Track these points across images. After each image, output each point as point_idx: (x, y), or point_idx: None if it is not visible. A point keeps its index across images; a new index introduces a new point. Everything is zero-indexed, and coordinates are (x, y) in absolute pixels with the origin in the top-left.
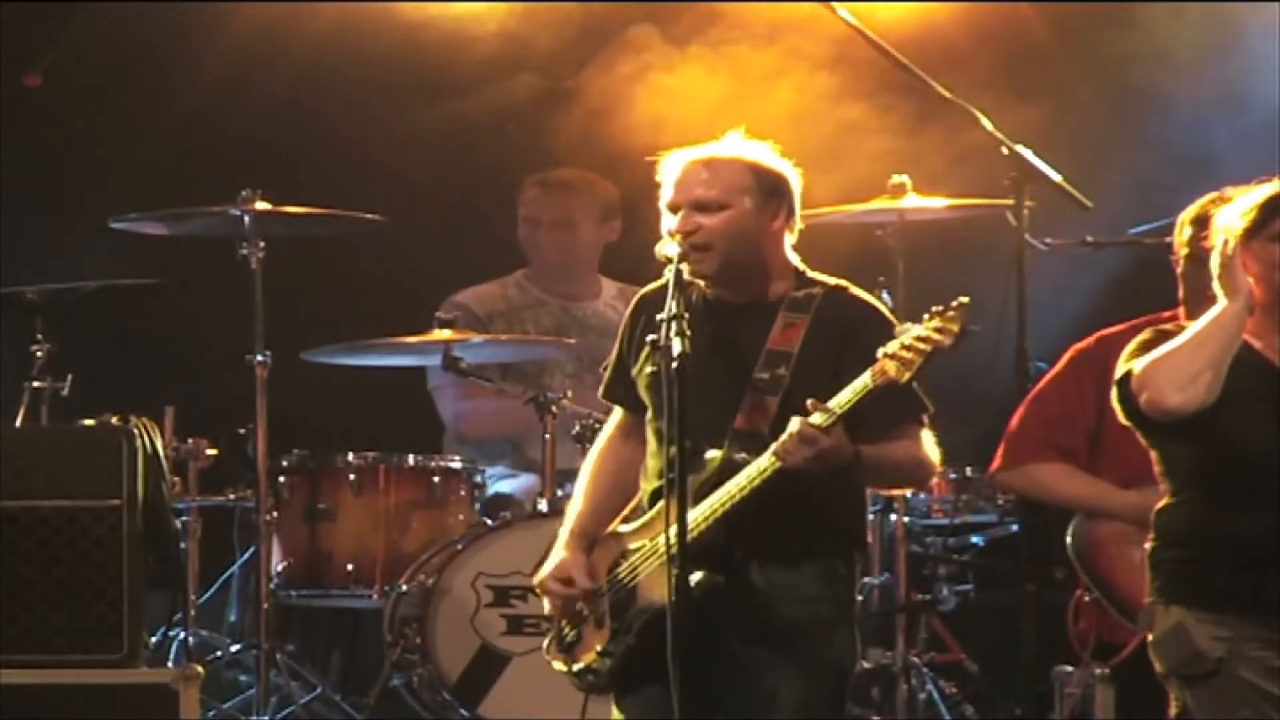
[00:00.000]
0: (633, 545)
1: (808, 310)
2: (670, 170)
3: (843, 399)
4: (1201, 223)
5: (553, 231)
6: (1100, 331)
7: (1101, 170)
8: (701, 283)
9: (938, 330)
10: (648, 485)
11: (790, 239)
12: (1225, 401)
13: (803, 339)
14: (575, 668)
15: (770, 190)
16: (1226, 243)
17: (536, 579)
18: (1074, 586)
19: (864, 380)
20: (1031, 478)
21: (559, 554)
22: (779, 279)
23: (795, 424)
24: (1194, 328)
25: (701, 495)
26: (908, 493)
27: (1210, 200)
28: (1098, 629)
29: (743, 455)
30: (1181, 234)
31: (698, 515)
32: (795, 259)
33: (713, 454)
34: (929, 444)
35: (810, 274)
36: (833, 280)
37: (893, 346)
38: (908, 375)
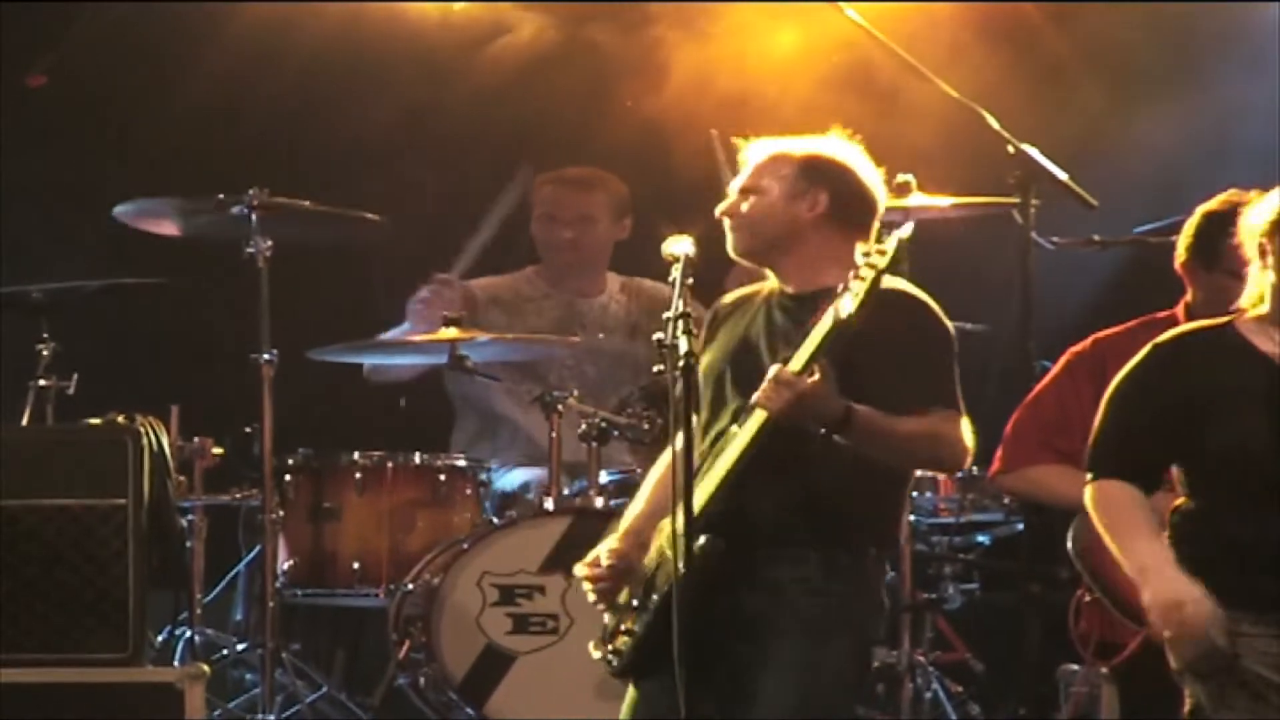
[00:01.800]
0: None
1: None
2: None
3: (809, 342)
4: (1213, 223)
5: (571, 229)
6: (1096, 334)
7: (1107, 169)
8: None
9: (869, 261)
10: None
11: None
12: (1230, 401)
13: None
14: (605, 651)
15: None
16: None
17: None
18: (1078, 586)
19: (824, 322)
20: (1029, 480)
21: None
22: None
23: (772, 369)
24: (1136, 555)
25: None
26: (913, 491)
27: (1218, 203)
28: (1099, 629)
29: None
30: (1187, 237)
31: (703, 489)
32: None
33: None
34: (958, 427)
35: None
36: (893, 281)
37: (841, 285)
38: (855, 306)
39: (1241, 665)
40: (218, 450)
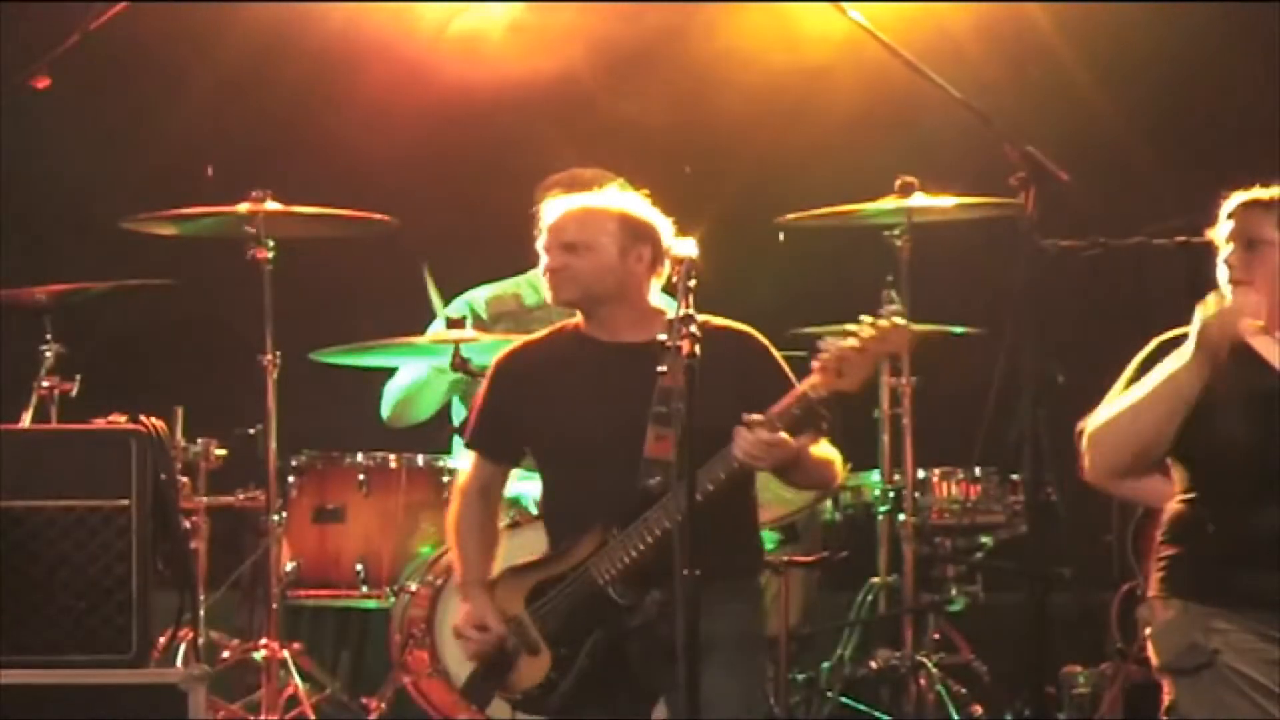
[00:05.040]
0: (555, 573)
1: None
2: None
3: (780, 407)
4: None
5: None
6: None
7: (1112, 170)
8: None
9: (878, 339)
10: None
11: (658, 284)
12: (1221, 398)
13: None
14: (518, 695)
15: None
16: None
17: (452, 626)
18: (1083, 587)
19: (802, 389)
20: None
21: (466, 603)
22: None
23: (760, 432)
24: (1147, 386)
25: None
26: (916, 493)
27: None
28: None
29: (657, 480)
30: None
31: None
32: (662, 302)
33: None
34: (833, 449)
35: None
36: (699, 317)
37: (826, 358)
38: (850, 383)
39: (1220, 661)
40: (221, 451)
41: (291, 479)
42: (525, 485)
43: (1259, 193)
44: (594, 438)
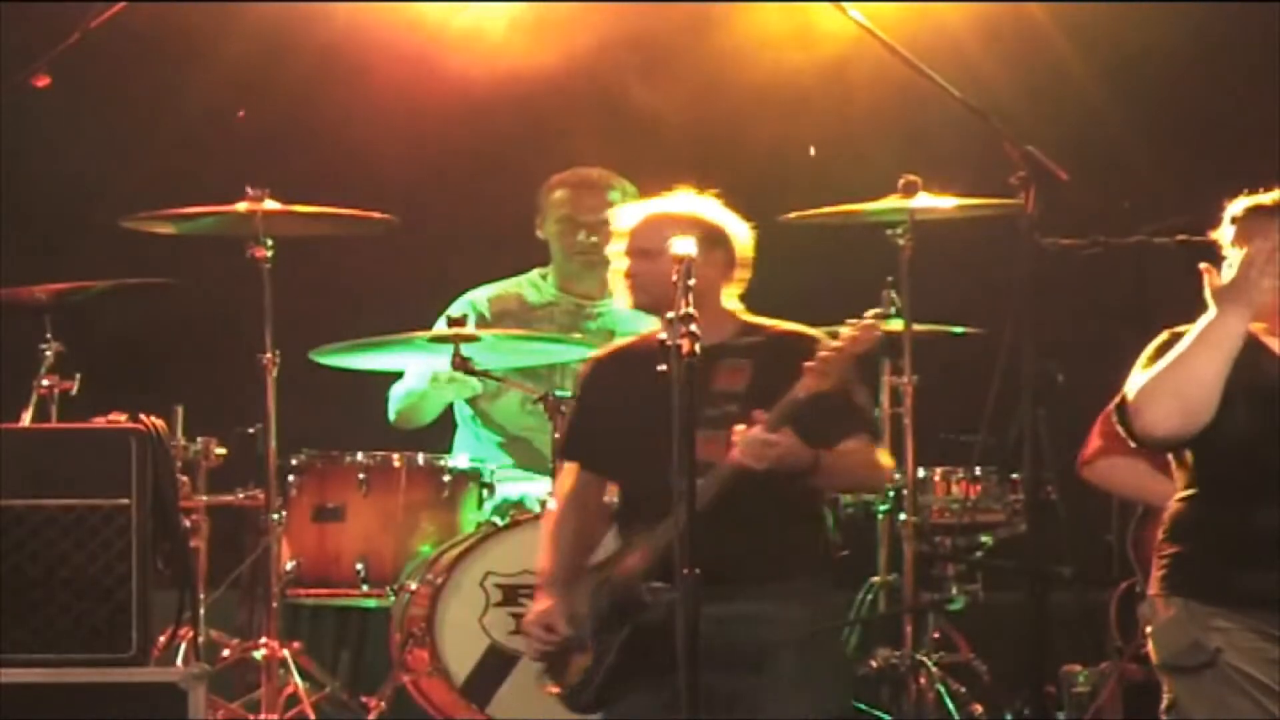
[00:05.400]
0: (610, 572)
1: (750, 355)
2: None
3: (777, 409)
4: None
5: (592, 232)
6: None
7: (1112, 170)
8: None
9: (852, 339)
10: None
11: (734, 289)
12: (1227, 391)
13: (749, 380)
14: (565, 690)
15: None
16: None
17: (524, 623)
18: (1082, 586)
19: (792, 392)
20: (1098, 472)
21: (540, 602)
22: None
23: (755, 431)
24: (1186, 342)
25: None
26: (916, 492)
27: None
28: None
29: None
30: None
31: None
32: (735, 306)
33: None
34: (881, 451)
35: (750, 319)
36: (769, 322)
37: (815, 361)
38: (830, 383)
39: (1222, 660)
40: (221, 450)
41: (291, 478)
42: (526, 485)
43: (1262, 198)
44: (650, 440)
